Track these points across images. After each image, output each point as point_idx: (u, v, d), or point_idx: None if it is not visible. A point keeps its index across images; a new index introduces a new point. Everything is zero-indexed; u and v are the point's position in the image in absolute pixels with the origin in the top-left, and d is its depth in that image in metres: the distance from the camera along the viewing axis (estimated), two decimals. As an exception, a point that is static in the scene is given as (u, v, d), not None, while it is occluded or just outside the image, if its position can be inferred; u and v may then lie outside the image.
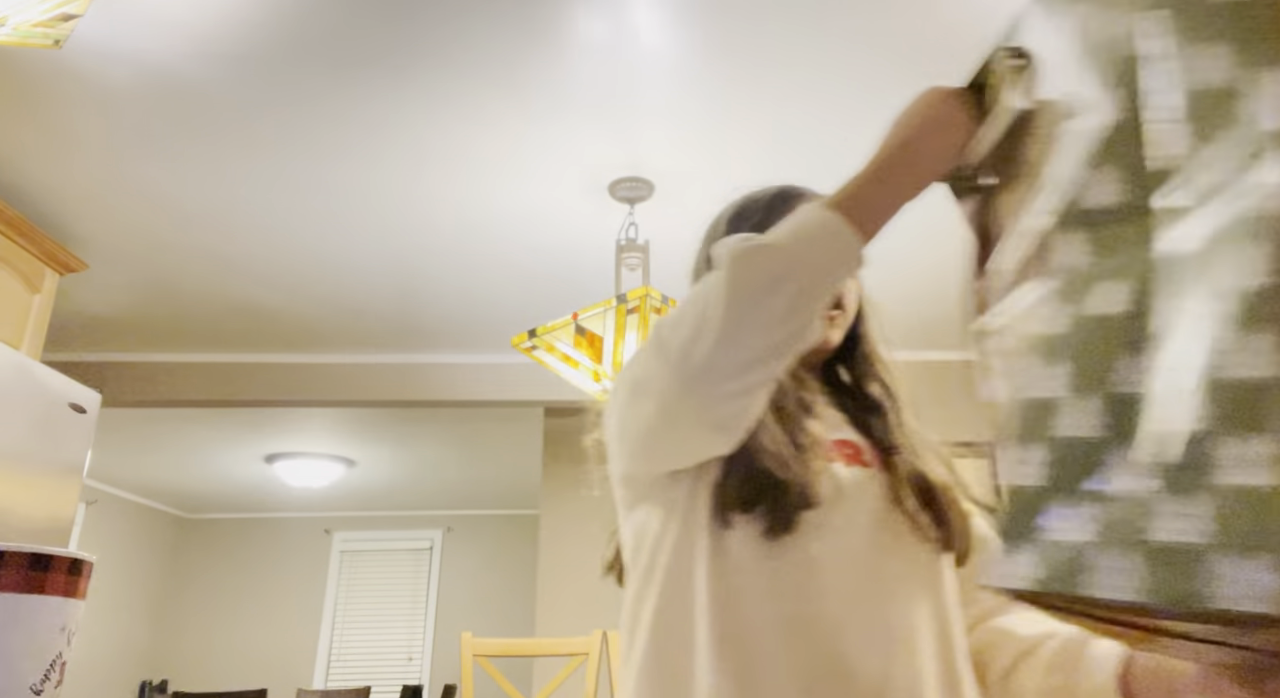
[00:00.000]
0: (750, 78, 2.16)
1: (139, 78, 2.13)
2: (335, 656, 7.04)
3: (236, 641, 6.99)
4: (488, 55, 2.07)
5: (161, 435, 5.36)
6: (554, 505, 4.50)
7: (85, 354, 3.86)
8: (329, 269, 3.13)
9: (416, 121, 2.31)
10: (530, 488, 6.46)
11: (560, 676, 2.40)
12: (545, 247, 2.98)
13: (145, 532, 6.84)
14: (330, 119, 2.30)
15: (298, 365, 3.93)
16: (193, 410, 4.82)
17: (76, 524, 5.89)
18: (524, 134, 2.37)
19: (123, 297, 3.34)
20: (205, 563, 7.24)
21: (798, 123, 2.33)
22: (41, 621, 0.55)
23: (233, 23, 1.96)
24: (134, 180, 2.57)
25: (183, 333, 3.68)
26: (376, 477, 6.37)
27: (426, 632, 7.11)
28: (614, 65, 2.12)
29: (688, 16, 1.96)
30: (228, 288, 3.27)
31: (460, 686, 2.30)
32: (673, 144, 2.42)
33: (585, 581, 4.37)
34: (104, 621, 6.24)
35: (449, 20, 1.96)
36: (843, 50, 2.07)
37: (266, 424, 5.21)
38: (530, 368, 3.91)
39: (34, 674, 0.54)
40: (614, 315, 2.21)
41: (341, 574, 7.29)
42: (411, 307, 3.46)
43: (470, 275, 3.20)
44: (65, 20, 1.41)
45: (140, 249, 2.98)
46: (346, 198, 2.68)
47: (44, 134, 2.36)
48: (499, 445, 5.63)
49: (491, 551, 7.32)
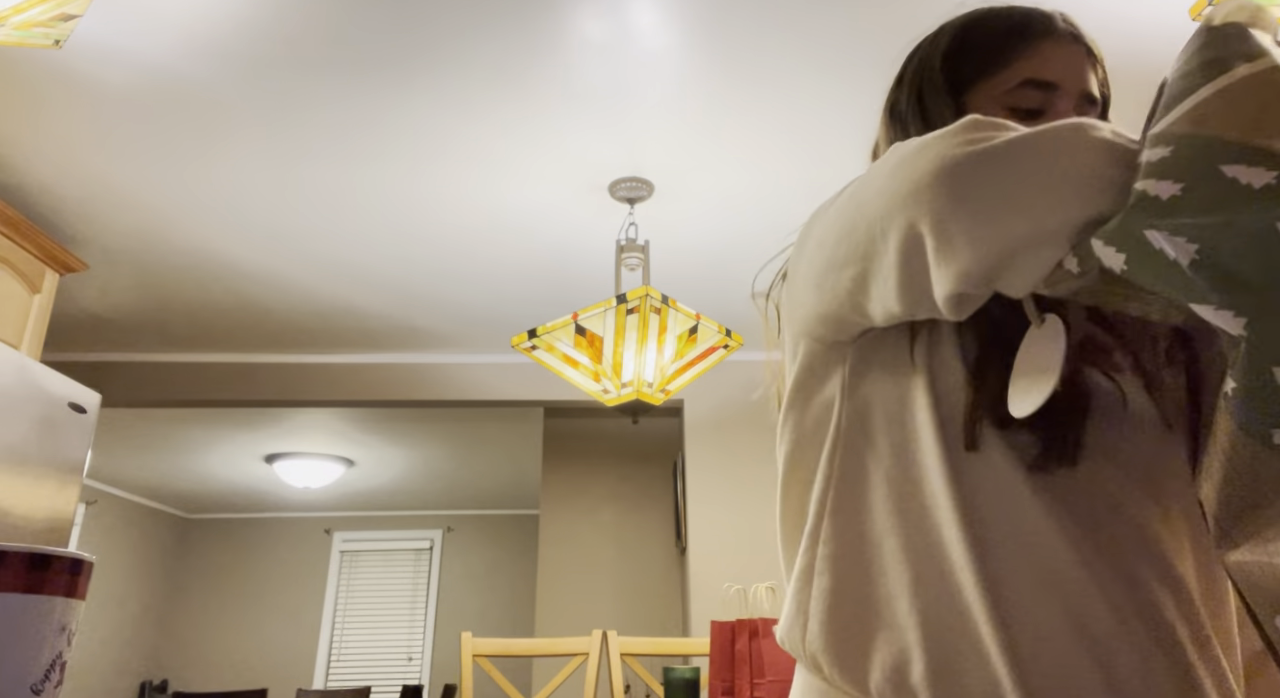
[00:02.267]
0: (750, 78, 2.16)
1: (138, 78, 2.13)
2: (335, 656, 7.04)
3: (236, 641, 7.00)
4: (487, 55, 2.07)
5: (161, 435, 5.36)
6: (554, 505, 4.50)
7: (85, 354, 3.86)
8: (329, 269, 3.13)
9: (417, 122, 2.31)
10: (530, 488, 6.47)
11: (560, 676, 2.40)
12: (545, 246, 2.98)
13: (145, 532, 6.85)
14: (330, 119, 2.30)
15: (298, 365, 3.93)
16: (193, 410, 4.83)
17: (76, 524, 5.89)
18: (524, 134, 2.37)
19: (123, 297, 3.34)
20: (205, 563, 7.24)
21: (798, 123, 2.33)
22: (41, 621, 0.55)
23: (233, 23, 1.96)
24: (134, 180, 2.57)
25: (183, 333, 3.68)
26: (376, 477, 6.37)
27: (426, 632, 7.11)
28: (614, 65, 2.12)
29: (688, 17, 1.96)
30: (228, 288, 3.27)
31: (460, 686, 2.31)
32: (673, 144, 2.42)
33: (585, 581, 4.37)
34: (104, 621, 6.24)
35: (448, 21, 1.96)
36: (843, 50, 2.07)
37: (266, 424, 5.21)
38: (530, 368, 3.92)
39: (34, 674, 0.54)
40: (614, 315, 2.21)
41: (341, 574, 7.29)
42: (411, 307, 3.46)
43: (470, 275, 3.20)
44: (65, 20, 1.41)
45: (140, 249, 2.98)
46: (346, 198, 2.68)
47: (44, 134, 2.36)
48: (499, 445, 5.63)
49: (491, 551, 7.33)
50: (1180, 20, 1.95)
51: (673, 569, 4.40)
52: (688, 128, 2.35)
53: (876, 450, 0.67)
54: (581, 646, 2.46)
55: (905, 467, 0.65)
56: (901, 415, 0.67)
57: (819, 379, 0.72)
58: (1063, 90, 0.71)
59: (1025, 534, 0.60)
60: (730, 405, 3.87)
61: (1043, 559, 0.59)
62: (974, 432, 0.63)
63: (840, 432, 0.70)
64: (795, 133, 2.37)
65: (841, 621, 0.65)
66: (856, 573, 0.66)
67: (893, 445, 0.67)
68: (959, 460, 0.63)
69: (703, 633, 3.46)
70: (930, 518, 0.63)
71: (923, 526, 0.63)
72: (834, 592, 0.66)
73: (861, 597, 0.65)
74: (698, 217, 2.79)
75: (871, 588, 0.65)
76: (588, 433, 4.64)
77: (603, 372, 2.30)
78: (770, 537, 3.64)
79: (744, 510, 3.68)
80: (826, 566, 0.67)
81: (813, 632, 0.66)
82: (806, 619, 0.67)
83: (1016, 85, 0.71)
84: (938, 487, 0.63)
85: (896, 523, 0.65)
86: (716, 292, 3.33)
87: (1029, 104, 0.71)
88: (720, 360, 2.49)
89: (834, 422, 0.70)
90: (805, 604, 0.68)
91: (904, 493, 0.65)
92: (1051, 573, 0.58)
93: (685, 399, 3.87)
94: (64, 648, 0.55)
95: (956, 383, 0.65)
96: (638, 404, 2.29)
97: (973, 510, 0.61)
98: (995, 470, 0.62)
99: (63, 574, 0.55)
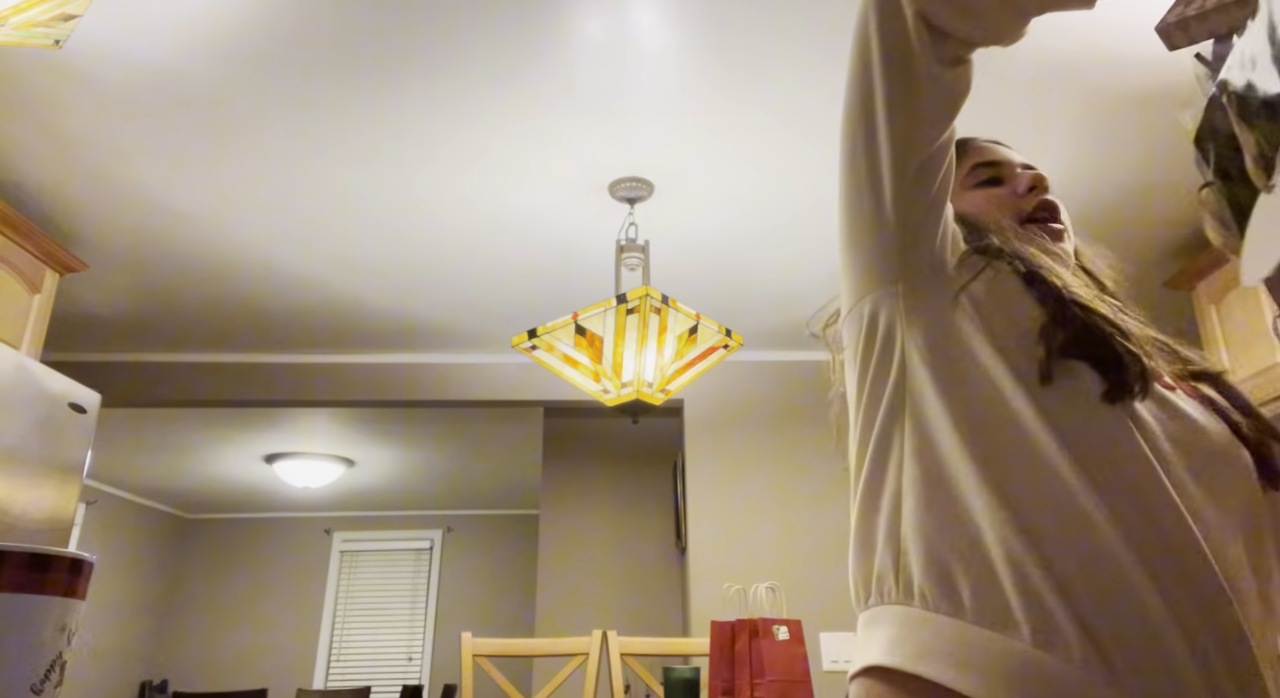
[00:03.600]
0: (750, 78, 2.16)
1: (138, 77, 2.13)
2: (335, 656, 7.04)
3: (236, 641, 7.00)
4: (487, 55, 2.07)
5: (161, 435, 5.36)
6: (554, 505, 4.50)
7: (85, 354, 3.86)
8: (329, 269, 3.13)
9: (416, 122, 2.31)
10: (530, 488, 6.47)
11: (560, 676, 2.40)
12: (545, 246, 2.98)
13: (145, 532, 6.85)
14: (329, 119, 2.30)
15: (298, 365, 3.93)
16: (193, 410, 4.83)
17: (76, 524, 5.89)
18: (524, 134, 2.37)
19: (123, 297, 3.34)
20: (205, 563, 7.24)
21: (798, 122, 2.33)
22: (41, 621, 0.55)
23: (233, 23, 1.96)
24: (134, 180, 2.57)
25: (182, 333, 3.68)
26: (376, 477, 6.37)
27: (426, 632, 7.11)
28: (614, 65, 2.12)
29: (688, 16, 1.96)
30: (228, 288, 3.27)
31: (460, 686, 2.31)
32: (673, 144, 2.42)
33: (585, 581, 4.37)
34: (104, 621, 6.25)
35: (448, 20, 1.96)
36: (843, 50, 2.06)
37: (266, 424, 5.21)
38: (530, 368, 3.92)
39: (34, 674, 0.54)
40: (614, 315, 2.21)
41: (341, 574, 7.29)
42: (412, 307, 3.46)
43: (470, 275, 3.20)
44: (65, 20, 1.40)
45: (140, 249, 2.98)
46: (345, 198, 2.68)
47: (44, 134, 2.36)
48: (499, 445, 5.63)
49: (491, 551, 7.33)
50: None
51: (673, 569, 4.40)
52: (688, 127, 2.35)
53: (943, 385, 0.76)
54: (581, 646, 2.46)
55: (972, 400, 0.74)
56: (959, 354, 0.76)
57: (878, 327, 0.82)
58: (1007, 163, 0.96)
59: (1122, 461, 0.68)
60: (730, 405, 3.87)
61: (1139, 487, 0.67)
62: (1049, 366, 0.72)
63: (904, 369, 0.79)
64: (796, 132, 2.37)
65: (940, 549, 0.71)
66: (943, 500, 0.72)
67: (959, 380, 0.75)
68: (1035, 393, 0.71)
69: (703, 633, 3.46)
70: (1018, 450, 0.70)
71: (1011, 456, 0.70)
72: (925, 520, 0.72)
73: (951, 523, 0.71)
74: (698, 217, 2.79)
75: (960, 515, 0.71)
76: (588, 433, 4.64)
77: (603, 372, 2.30)
78: (770, 536, 3.64)
79: (744, 510, 3.68)
80: (912, 488, 0.74)
81: (915, 559, 0.72)
82: (898, 549, 0.73)
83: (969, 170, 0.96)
84: (1025, 419, 0.71)
85: (976, 454, 0.71)
86: (716, 292, 3.33)
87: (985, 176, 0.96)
88: (720, 360, 2.49)
89: (896, 362, 0.79)
90: (896, 532, 0.74)
91: (980, 426, 0.72)
92: (1145, 496, 0.67)
93: (685, 399, 3.87)
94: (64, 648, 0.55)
95: (1011, 320, 0.76)
96: (638, 404, 2.29)
97: (1067, 440, 0.69)
98: (1073, 401, 0.71)
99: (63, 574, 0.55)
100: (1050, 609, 0.63)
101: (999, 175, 0.95)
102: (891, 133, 0.79)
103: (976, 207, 0.93)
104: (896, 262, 0.80)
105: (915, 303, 0.79)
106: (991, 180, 0.95)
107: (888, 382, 0.79)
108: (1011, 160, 0.97)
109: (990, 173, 0.96)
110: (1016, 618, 0.64)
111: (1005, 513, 0.68)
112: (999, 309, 0.77)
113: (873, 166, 0.81)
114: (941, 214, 0.81)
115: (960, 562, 0.68)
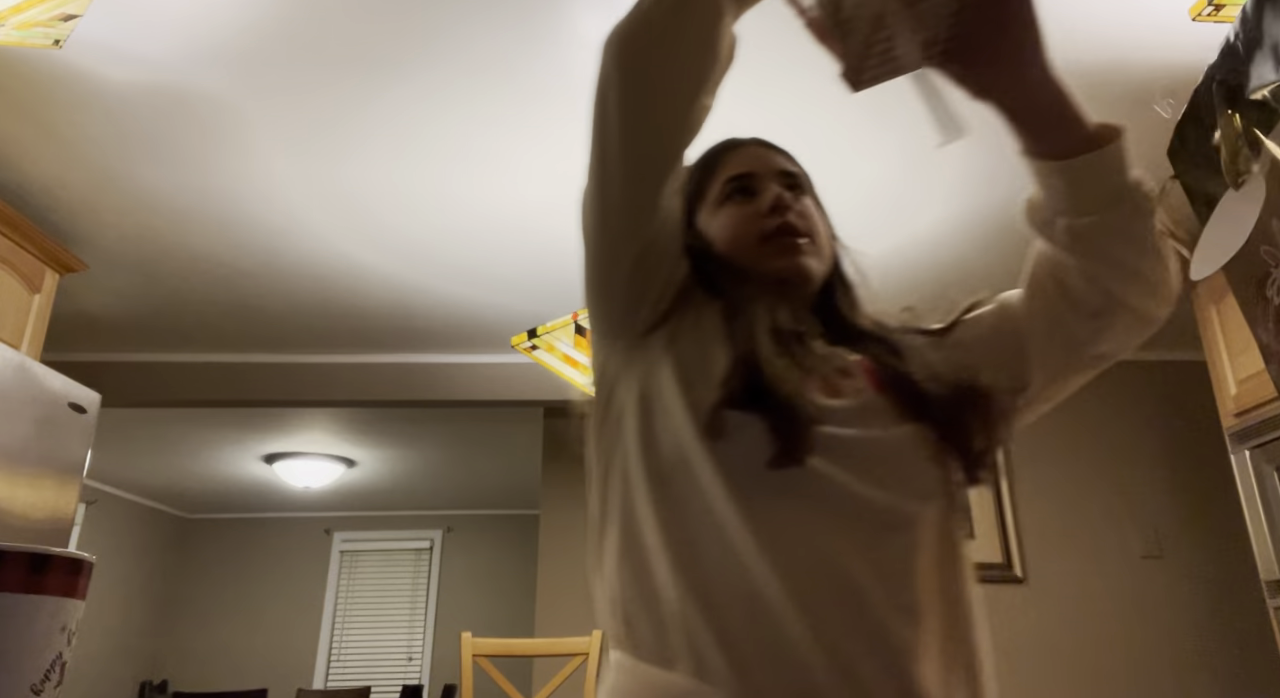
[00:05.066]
0: (748, 76, 2.16)
1: (139, 78, 2.13)
2: (335, 656, 7.04)
3: (236, 641, 6.99)
4: (487, 55, 2.07)
5: (161, 435, 5.36)
6: (554, 505, 4.49)
7: (85, 354, 3.85)
8: (329, 269, 3.13)
9: (416, 122, 2.31)
10: (530, 488, 6.46)
11: (560, 676, 2.40)
12: (545, 246, 2.98)
13: (145, 532, 6.85)
14: (329, 120, 2.30)
15: (298, 365, 3.93)
16: (193, 410, 4.82)
17: (76, 524, 5.89)
18: (524, 132, 2.37)
19: (123, 297, 3.34)
20: (205, 563, 7.24)
21: (798, 123, 2.33)
22: (41, 621, 0.55)
23: (233, 23, 1.96)
24: (134, 180, 2.57)
25: (182, 333, 3.68)
26: (376, 477, 6.37)
27: (426, 632, 7.11)
28: (614, 65, 2.11)
29: (688, 16, 1.96)
30: (228, 288, 3.27)
31: (460, 686, 2.31)
32: (673, 144, 2.42)
33: (585, 581, 4.37)
34: (104, 621, 6.24)
35: (447, 20, 1.96)
36: (843, 50, 2.06)
37: (266, 424, 5.21)
38: (530, 368, 3.91)
39: (34, 674, 0.54)
40: (614, 315, 2.21)
41: (341, 574, 7.29)
42: (412, 307, 3.46)
43: (470, 275, 3.20)
44: (65, 20, 1.41)
45: (140, 249, 2.98)
46: (346, 197, 2.67)
47: (44, 134, 2.36)
48: (499, 445, 5.63)
49: (491, 550, 7.33)
50: (1180, 22, 1.95)
51: (673, 569, 4.40)
52: (688, 128, 2.35)
53: (643, 439, 0.78)
54: (581, 646, 2.46)
55: (663, 454, 0.76)
56: (659, 408, 0.77)
57: (606, 381, 0.85)
58: (759, 175, 0.91)
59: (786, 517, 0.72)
60: (730, 405, 3.86)
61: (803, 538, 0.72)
62: (715, 418, 0.73)
63: (620, 424, 0.81)
64: (793, 130, 2.37)
65: (630, 598, 0.77)
66: (635, 554, 0.76)
67: (655, 434, 0.77)
68: (713, 446, 0.73)
69: (703, 633, 3.45)
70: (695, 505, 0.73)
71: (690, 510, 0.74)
72: (623, 569, 0.77)
73: (641, 576, 0.76)
74: (698, 217, 2.79)
75: (645, 566, 0.75)
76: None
77: (603, 372, 2.30)
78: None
79: (744, 511, 3.68)
80: (615, 542, 0.79)
81: (617, 607, 0.78)
82: (612, 596, 0.80)
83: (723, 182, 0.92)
84: (702, 475, 0.73)
85: (660, 511, 0.75)
86: (716, 292, 3.33)
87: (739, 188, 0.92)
88: (720, 360, 2.49)
89: (614, 417, 0.82)
90: (613, 581, 0.80)
91: (665, 480, 0.75)
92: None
93: (685, 399, 3.87)
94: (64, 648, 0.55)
95: (705, 366, 0.76)
96: (638, 404, 2.28)
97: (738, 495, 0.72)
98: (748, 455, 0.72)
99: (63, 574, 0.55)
100: (705, 648, 0.69)
101: (750, 187, 0.91)
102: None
103: (722, 227, 0.90)
104: (619, 320, 0.83)
105: (632, 356, 0.81)
106: (742, 192, 0.91)
107: (610, 437, 0.82)
108: (767, 170, 0.92)
109: (740, 185, 0.91)
110: (680, 656, 0.70)
111: (678, 569, 0.72)
112: (698, 355, 0.77)
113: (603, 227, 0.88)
114: (664, 278, 0.81)
115: (643, 610, 0.74)
